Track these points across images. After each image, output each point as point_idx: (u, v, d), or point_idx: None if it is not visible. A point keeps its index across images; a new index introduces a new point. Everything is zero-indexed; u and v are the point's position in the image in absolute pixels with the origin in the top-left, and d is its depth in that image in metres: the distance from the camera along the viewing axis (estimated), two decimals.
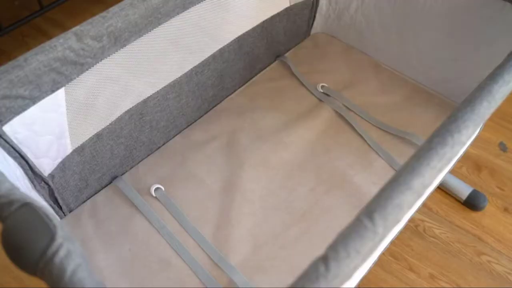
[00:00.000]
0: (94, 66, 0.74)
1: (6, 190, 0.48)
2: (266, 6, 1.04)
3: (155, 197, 0.91)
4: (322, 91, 1.10)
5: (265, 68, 1.18)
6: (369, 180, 0.94)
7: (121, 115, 0.86)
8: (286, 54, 1.21)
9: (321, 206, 0.90)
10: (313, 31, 1.27)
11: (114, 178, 0.93)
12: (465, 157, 1.33)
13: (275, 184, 0.94)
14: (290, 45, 1.23)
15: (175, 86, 0.93)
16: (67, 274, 0.42)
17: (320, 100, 1.09)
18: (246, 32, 1.03)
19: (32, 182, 0.74)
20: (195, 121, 1.05)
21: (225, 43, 0.99)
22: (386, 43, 1.14)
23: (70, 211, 0.88)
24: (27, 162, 0.70)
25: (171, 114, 0.97)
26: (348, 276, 0.45)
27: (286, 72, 1.17)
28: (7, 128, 0.65)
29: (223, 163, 0.97)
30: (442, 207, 1.23)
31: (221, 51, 0.99)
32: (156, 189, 0.91)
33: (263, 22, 1.06)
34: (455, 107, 1.01)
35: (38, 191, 0.76)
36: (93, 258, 0.82)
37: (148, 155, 0.98)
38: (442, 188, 1.25)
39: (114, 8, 0.72)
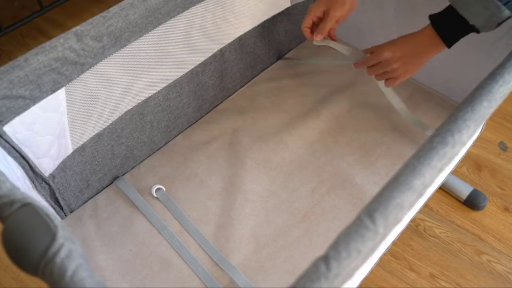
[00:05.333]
0: (95, 66, 0.74)
1: (7, 190, 0.48)
2: (267, 6, 1.04)
3: (156, 198, 0.91)
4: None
5: (266, 68, 1.18)
6: (370, 180, 0.94)
7: (122, 115, 0.86)
8: (287, 55, 1.21)
9: (322, 206, 0.90)
10: None
11: (115, 178, 0.93)
12: (466, 156, 1.33)
13: (276, 184, 0.94)
14: (292, 45, 1.23)
15: (176, 86, 0.93)
16: (68, 274, 0.42)
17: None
18: (247, 32, 1.03)
19: (32, 182, 0.74)
20: (196, 121, 1.05)
21: (226, 43, 0.99)
22: None
23: (71, 211, 0.88)
24: (27, 162, 0.70)
25: (172, 114, 0.97)
26: (349, 276, 0.45)
27: (287, 72, 1.16)
28: (8, 128, 0.65)
29: (224, 163, 0.97)
30: (443, 206, 1.23)
31: (222, 51, 0.99)
32: (157, 189, 0.91)
33: (264, 22, 1.06)
34: (455, 106, 1.01)
35: (38, 191, 0.76)
36: (94, 258, 0.82)
37: (149, 155, 0.98)
38: (442, 188, 1.25)
39: (115, 8, 0.72)
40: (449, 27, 0.80)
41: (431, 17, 0.82)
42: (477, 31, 0.77)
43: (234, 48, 1.02)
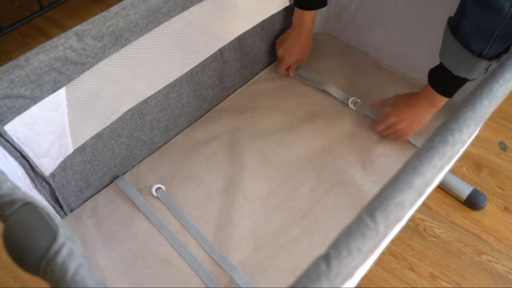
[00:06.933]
0: (95, 65, 0.74)
1: (8, 189, 0.48)
2: (266, 5, 1.04)
3: (156, 197, 0.91)
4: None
5: (265, 68, 1.18)
6: (370, 179, 0.94)
7: (122, 114, 0.86)
8: None
9: (321, 206, 0.90)
10: (313, 30, 1.26)
11: (115, 177, 0.93)
12: (466, 156, 1.33)
13: (275, 183, 0.94)
14: None
15: (175, 86, 0.93)
16: (69, 273, 0.42)
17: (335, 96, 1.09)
18: (247, 31, 1.03)
19: (33, 181, 0.74)
20: (196, 120, 1.05)
21: (226, 43, 0.99)
22: (386, 43, 1.14)
23: (71, 210, 0.88)
24: (28, 161, 0.70)
25: (171, 114, 0.97)
26: (350, 275, 0.45)
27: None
28: (9, 128, 0.65)
29: (223, 163, 0.97)
30: (443, 206, 1.23)
31: (222, 50, 0.99)
32: (157, 188, 0.91)
33: (263, 21, 1.06)
34: (454, 106, 1.01)
35: (39, 190, 0.76)
36: (94, 258, 0.82)
37: (149, 154, 0.98)
38: (442, 188, 1.25)
39: (115, 8, 0.72)
40: (443, 81, 0.88)
41: (429, 72, 0.90)
42: (471, 79, 0.83)
43: (233, 47, 1.02)
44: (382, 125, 1.00)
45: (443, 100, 0.91)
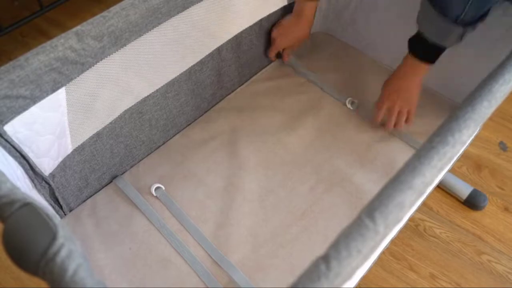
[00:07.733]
0: (95, 65, 0.74)
1: (7, 190, 0.48)
2: (264, 4, 1.04)
3: (155, 196, 0.91)
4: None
5: (264, 67, 1.17)
6: (369, 179, 0.94)
7: (121, 114, 0.86)
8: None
9: (320, 205, 0.90)
10: (312, 30, 1.26)
11: (114, 177, 0.93)
12: (466, 156, 1.33)
13: (274, 183, 0.94)
14: None
15: (174, 85, 0.93)
16: (68, 273, 0.42)
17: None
18: (244, 30, 1.03)
19: (32, 181, 0.74)
20: (195, 120, 1.05)
21: (223, 41, 0.99)
22: (385, 42, 1.14)
23: (70, 210, 0.88)
24: (27, 161, 0.70)
25: (170, 113, 0.97)
26: (349, 276, 0.45)
27: (285, 71, 1.17)
28: (8, 128, 0.65)
29: (222, 162, 0.97)
30: (443, 206, 1.23)
31: (219, 49, 0.99)
32: (156, 188, 0.91)
33: (261, 20, 1.06)
34: (454, 106, 1.01)
35: (38, 190, 0.76)
36: (93, 257, 0.82)
37: (148, 154, 0.98)
38: (442, 188, 1.25)
39: (115, 8, 0.72)
40: (423, 49, 0.88)
41: (409, 41, 0.90)
42: (444, 48, 0.85)
43: (231, 46, 1.02)
44: (379, 113, 1.00)
45: (424, 67, 0.91)
